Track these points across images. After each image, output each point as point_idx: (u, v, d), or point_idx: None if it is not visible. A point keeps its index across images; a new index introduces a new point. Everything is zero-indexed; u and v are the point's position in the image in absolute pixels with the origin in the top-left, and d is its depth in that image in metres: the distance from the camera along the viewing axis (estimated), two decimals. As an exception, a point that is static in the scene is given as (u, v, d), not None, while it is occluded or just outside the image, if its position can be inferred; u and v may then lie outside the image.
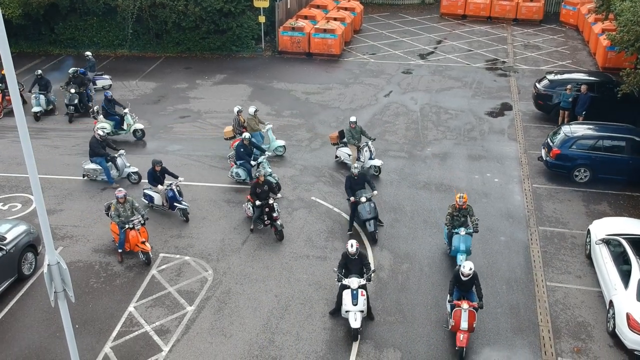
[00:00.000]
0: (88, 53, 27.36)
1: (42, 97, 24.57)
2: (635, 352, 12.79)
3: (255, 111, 20.94)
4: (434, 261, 15.96)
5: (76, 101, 24.36)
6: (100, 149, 19.54)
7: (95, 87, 27.10)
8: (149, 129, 23.64)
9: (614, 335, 13.28)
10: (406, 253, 16.32)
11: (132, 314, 14.10)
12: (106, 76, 27.78)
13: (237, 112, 20.95)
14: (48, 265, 9.60)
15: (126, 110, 22.45)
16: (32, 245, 15.52)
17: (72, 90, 24.24)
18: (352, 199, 16.56)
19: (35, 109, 24.42)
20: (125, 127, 22.41)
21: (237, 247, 16.51)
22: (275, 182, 18.62)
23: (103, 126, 22.05)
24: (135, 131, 22.65)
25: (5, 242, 14.74)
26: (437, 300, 14.53)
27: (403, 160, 21.11)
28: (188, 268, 15.74)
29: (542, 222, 17.67)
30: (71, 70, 25.43)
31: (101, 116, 22.40)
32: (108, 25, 32.54)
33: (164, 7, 30.91)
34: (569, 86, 22.91)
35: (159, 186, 17.76)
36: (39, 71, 25.05)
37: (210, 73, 29.98)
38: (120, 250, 15.97)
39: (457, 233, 15.17)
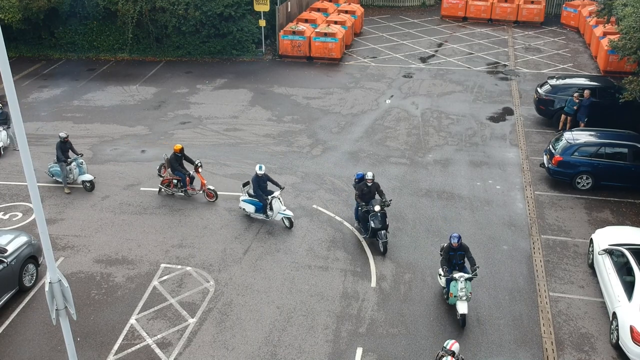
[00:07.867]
0: None
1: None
2: (639, 365, 12.74)
3: None
4: (436, 271, 15.86)
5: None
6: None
7: None
8: (149, 136, 23.61)
9: (617, 347, 13.23)
10: (408, 263, 16.26)
11: (134, 327, 14.05)
12: None
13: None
14: (50, 283, 9.55)
15: None
16: (33, 257, 15.44)
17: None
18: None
19: None
20: None
21: (239, 257, 16.45)
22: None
23: None
24: None
25: (6, 254, 14.68)
26: (439, 311, 14.48)
27: (404, 167, 21.04)
28: (189, 279, 15.69)
29: (545, 231, 17.61)
30: None
31: None
32: (108, 29, 32.45)
33: (164, 11, 30.81)
34: (576, 94, 22.67)
35: None
36: None
37: (210, 77, 29.90)
38: None
39: None
